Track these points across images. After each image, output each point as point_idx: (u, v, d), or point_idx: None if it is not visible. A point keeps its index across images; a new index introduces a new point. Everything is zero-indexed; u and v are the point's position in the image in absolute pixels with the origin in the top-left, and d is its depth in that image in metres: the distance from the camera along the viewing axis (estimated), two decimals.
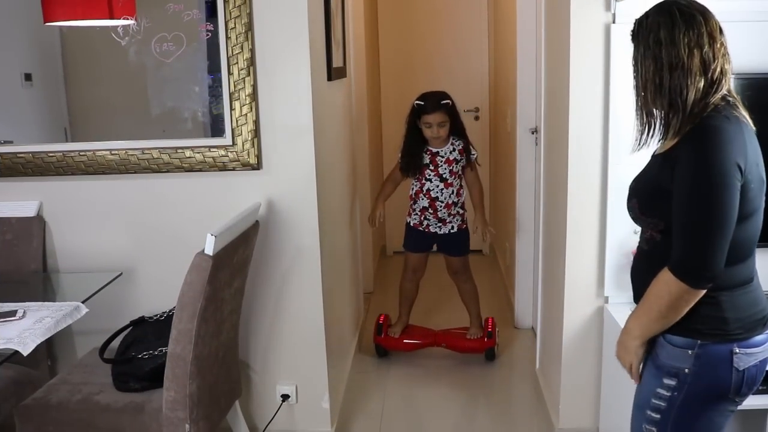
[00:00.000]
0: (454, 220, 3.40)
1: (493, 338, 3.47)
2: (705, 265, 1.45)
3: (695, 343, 1.54)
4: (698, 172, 1.45)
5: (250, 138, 2.47)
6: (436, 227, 3.42)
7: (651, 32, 1.52)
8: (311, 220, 2.54)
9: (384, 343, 3.56)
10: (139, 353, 2.21)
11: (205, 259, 1.97)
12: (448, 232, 3.42)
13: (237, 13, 2.39)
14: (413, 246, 3.53)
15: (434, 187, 3.36)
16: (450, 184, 3.35)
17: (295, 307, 2.62)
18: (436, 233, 3.43)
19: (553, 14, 2.78)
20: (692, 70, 1.49)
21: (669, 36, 1.49)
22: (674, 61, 1.49)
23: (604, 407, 2.57)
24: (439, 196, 3.36)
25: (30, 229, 2.57)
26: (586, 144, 2.44)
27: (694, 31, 1.49)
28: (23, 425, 2.15)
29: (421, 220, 3.43)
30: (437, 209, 3.37)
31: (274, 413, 2.68)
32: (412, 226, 3.48)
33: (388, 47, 5.23)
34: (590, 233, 2.49)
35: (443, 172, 3.34)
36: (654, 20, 1.53)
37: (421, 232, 3.45)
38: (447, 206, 3.37)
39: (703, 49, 1.49)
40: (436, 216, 3.39)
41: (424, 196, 3.38)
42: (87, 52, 2.63)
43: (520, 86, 3.68)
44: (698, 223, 1.45)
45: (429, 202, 3.37)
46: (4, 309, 2.08)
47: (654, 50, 1.51)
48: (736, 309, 1.54)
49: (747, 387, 1.57)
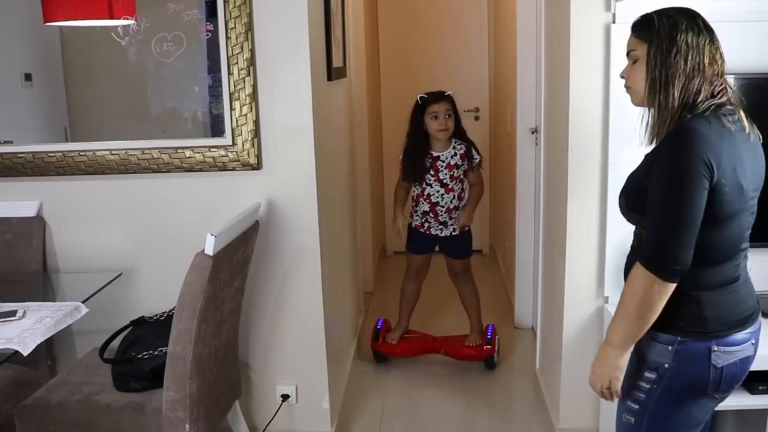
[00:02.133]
0: (456, 223, 3.36)
1: (492, 346, 3.40)
2: (670, 258, 1.50)
3: (675, 339, 1.59)
4: (666, 170, 1.51)
5: (250, 138, 2.47)
6: (437, 230, 3.38)
7: (681, 33, 1.54)
8: (311, 220, 2.54)
9: (381, 349, 3.50)
10: (139, 353, 2.21)
11: (205, 259, 1.97)
12: (449, 235, 3.38)
13: (237, 13, 2.39)
14: (416, 248, 3.48)
15: (434, 192, 3.30)
16: (451, 189, 3.30)
17: (295, 307, 2.62)
18: (437, 235, 3.39)
19: (553, 14, 2.78)
20: (707, 78, 1.54)
21: (695, 41, 1.54)
22: (698, 66, 1.54)
23: (604, 407, 2.57)
24: (440, 201, 3.31)
25: (30, 229, 2.57)
26: (586, 144, 2.44)
27: (715, 45, 1.56)
28: (23, 425, 2.15)
29: (423, 222, 3.39)
30: (438, 213, 3.33)
31: (274, 413, 2.67)
32: (414, 228, 3.44)
33: (388, 47, 5.23)
34: (590, 233, 2.50)
35: (444, 178, 3.28)
36: (685, 24, 1.55)
37: (422, 234, 3.41)
38: (448, 210, 3.32)
39: (718, 63, 1.56)
40: (437, 219, 3.35)
41: (424, 200, 3.33)
42: (87, 52, 2.63)
43: (520, 86, 3.68)
44: (663, 218, 1.51)
45: (429, 207, 3.33)
46: (4, 309, 2.08)
47: (684, 51, 1.54)
48: (716, 308, 1.58)
49: (726, 384, 1.61)
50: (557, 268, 2.70)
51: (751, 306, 1.64)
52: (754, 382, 2.02)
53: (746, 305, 1.62)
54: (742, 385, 1.87)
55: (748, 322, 1.61)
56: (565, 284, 2.55)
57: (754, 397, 2.06)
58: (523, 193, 3.78)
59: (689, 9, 1.59)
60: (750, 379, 1.80)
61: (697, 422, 1.67)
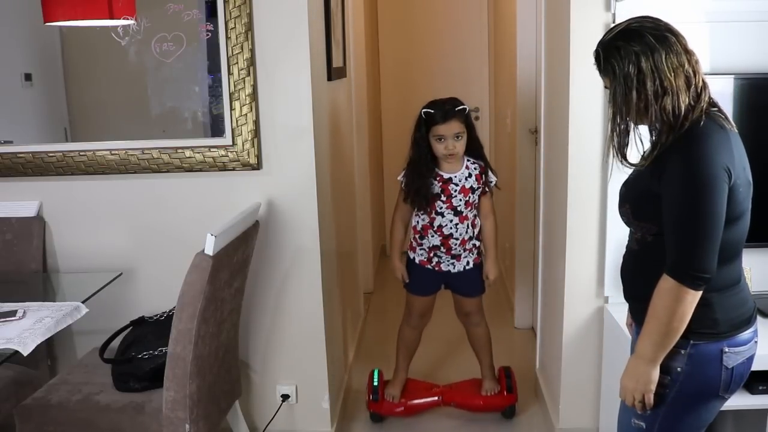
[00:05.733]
0: (469, 255, 2.80)
1: (514, 392, 2.93)
2: (701, 267, 1.49)
3: (688, 342, 1.58)
4: (688, 177, 1.48)
5: (250, 138, 2.47)
6: (448, 265, 2.80)
7: (630, 63, 1.50)
8: (311, 220, 2.54)
9: (382, 410, 2.94)
10: (139, 353, 2.21)
11: (205, 259, 1.97)
12: (462, 269, 2.81)
13: (237, 13, 2.39)
14: (420, 287, 2.88)
15: (447, 222, 2.72)
16: (465, 218, 2.74)
17: (295, 307, 2.62)
18: (448, 272, 2.82)
19: (553, 14, 2.78)
20: (680, 90, 1.50)
21: (652, 64, 1.49)
22: (659, 89, 1.50)
23: (604, 407, 2.57)
24: (453, 232, 2.73)
25: (30, 229, 2.57)
26: (586, 144, 2.44)
27: (673, 52, 1.50)
28: (23, 425, 2.15)
29: (430, 257, 2.81)
30: (451, 247, 2.76)
31: (274, 413, 2.67)
32: (417, 264, 2.83)
33: (388, 47, 5.24)
34: (590, 233, 2.50)
35: (458, 204, 2.72)
36: (629, 50, 1.51)
37: (429, 271, 2.83)
38: (462, 243, 2.76)
39: (684, 66, 1.51)
40: (449, 254, 2.78)
41: (435, 233, 2.74)
42: (87, 52, 2.63)
43: (520, 86, 3.69)
44: (689, 226, 1.49)
45: (441, 240, 2.74)
46: (4, 309, 2.08)
47: (637, 82, 1.50)
48: (725, 309, 1.59)
49: (735, 384, 1.62)
50: (557, 268, 2.69)
51: (752, 305, 1.65)
52: (754, 382, 2.01)
53: (749, 304, 1.64)
54: (743, 385, 1.87)
55: (750, 321, 1.63)
56: (565, 284, 2.55)
57: (754, 397, 2.06)
58: (522, 193, 3.78)
59: (631, 29, 1.53)
60: (750, 379, 1.80)
61: (706, 424, 1.67)
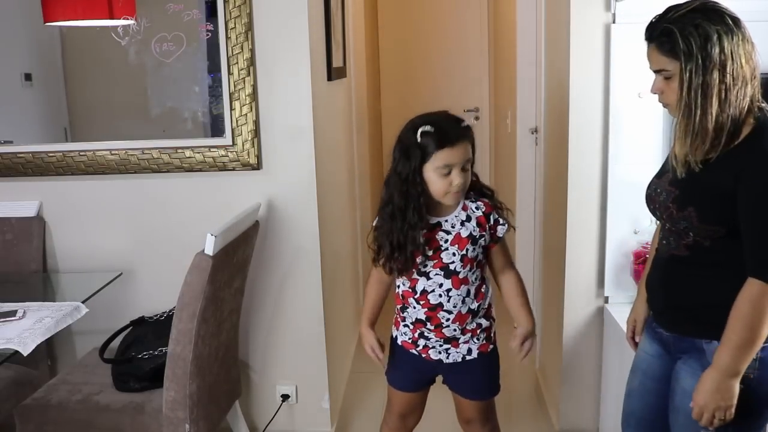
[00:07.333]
0: (472, 339, 1.95)
1: None
2: None
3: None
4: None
5: (250, 138, 2.47)
6: (440, 351, 1.96)
7: (710, 43, 1.41)
8: (311, 220, 2.54)
9: None
10: (139, 353, 2.21)
11: (205, 259, 1.97)
12: (461, 360, 1.96)
13: (237, 13, 2.39)
14: (400, 380, 2.08)
15: (433, 285, 1.88)
16: (464, 281, 1.88)
17: (295, 307, 2.62)
18: (440, 361, 1.97)
19: (553, 14, 2.78)
20: (750, 79, 1.45)
21: (733, 47, 1.42)
22: (736, 74, 1.43)
23: (604, 407, 2.57)
24: (444, 302, 1.89)
25: (30, 229, 2.57)
26: (586, 144, 2.44)
27: (746, 39, 1.44)
28: (23, 425, 2.15)
29: (415, 337, 1.97)
30: (441, 324, 1.91)
31: (274, 413, 2.68)
32: (400, 345, 2.02)
33: (388, 47, 5.24)
34: (590, 233, 2.49)
35: (450, 260, 1.86)
36: (711, 29, 1.42)
37: (414, 358, 2.00)
38: (459, 318, 1.91)
39: (752, 56, 1.45)
40: (440, 334, 1.93)
41: (416, 301, 1.91)
42: (87, 52, 2.63)
43: (520, 86, 3.68)
44: None
45: (427, 313, 1.91)
46: (4, 309, 2.08)
47: (720, 64, 1.42)
48: None
49: None
50: (557, 269, 2.69)
51: None
52: None
53: None
54: None
55: None
56: (565, 284, 2.55)
57: None
58: (523, 193, 3.78)
59: (708, 6, 1.45)
60: None
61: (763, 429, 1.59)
